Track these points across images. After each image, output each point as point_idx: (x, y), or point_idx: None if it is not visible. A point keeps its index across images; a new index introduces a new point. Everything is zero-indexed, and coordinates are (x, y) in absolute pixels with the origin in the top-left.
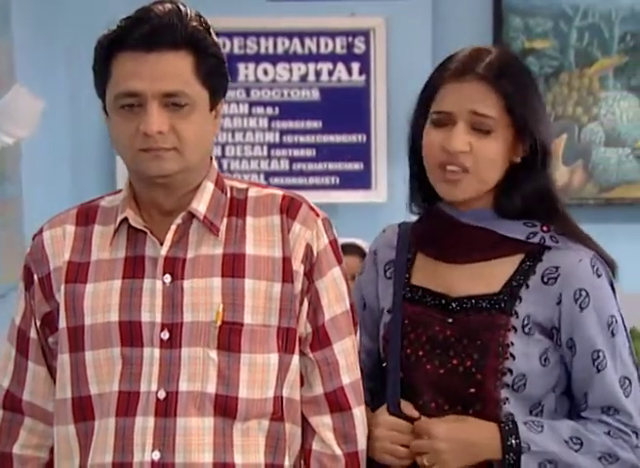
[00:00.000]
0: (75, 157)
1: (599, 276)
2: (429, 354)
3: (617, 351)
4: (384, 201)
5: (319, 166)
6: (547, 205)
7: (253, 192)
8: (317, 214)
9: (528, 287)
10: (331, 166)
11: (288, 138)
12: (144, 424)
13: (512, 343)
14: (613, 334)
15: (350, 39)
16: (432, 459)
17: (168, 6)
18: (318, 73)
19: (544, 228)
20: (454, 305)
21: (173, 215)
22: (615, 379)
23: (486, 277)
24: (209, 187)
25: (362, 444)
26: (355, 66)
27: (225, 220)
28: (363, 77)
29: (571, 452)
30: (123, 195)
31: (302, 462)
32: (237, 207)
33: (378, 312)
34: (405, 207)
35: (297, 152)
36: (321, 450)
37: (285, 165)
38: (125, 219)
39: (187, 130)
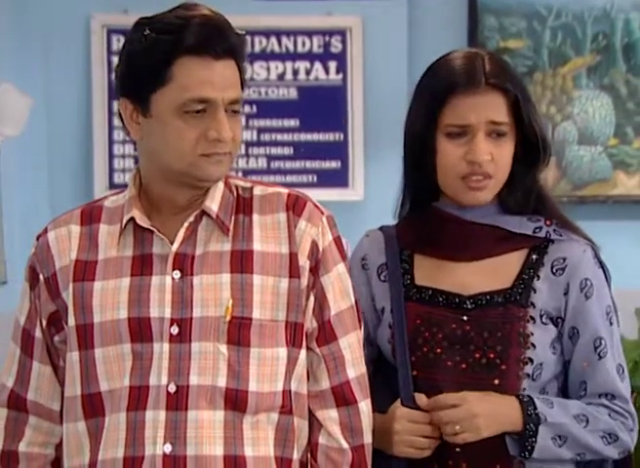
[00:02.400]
0: (52, 157)
1: (599, 267)
2: (448, 351)
3: (614, 339)
4: (361, 199)
5: (297, 164)
6: (543, 198)
7: (258, 191)
8: (322, 212)
9: (539, 278)
10: (308, 164)
11: (265, 137)
12: (155, 417)
13: (532, 333)
14: (611, 323)
15: (327, 38)
16: (465, 425)
17: (212, 12)
18: (295, 72)
19: (547, 222)
20: (468, 303)
21: (182, 212)
22: (613, 366)
23: (496, 273)
24: (220, 187)
25: (368, 437)
26: (332, 65)
27: (233, 218)
28: (340, 76)
29: (579, 427)
30: (128, 195)
31: (309, 456)
32: (244, 205)
33: (374, 313)
34: (381, 205)
35: (274, 150)
36: (328, 444)
37: (263, 163)
38: (131, 219)
39: (239, 134)
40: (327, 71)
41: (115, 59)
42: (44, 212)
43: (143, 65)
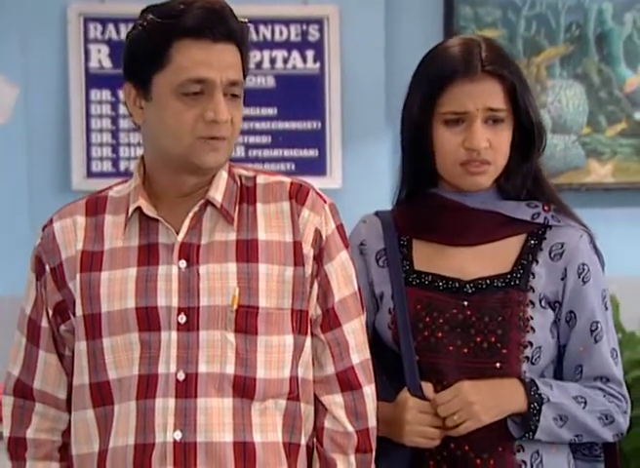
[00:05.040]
0: (30, 146)
1: (595, 253)
2: (449, 335)
3: (609, 324)
4: (339, 187)
5: (274, 152)
6: (541, 183)
7: (261, 179)
8: (324, 200)
9: (538, 263)
10: (286, 152)
11: (243, 125)
12: (165, 405)
13: (532, 317)
14: (606, 308)
15: (305, 27)
16: (464, 414)
17: None
18: (273, 60)
19: (545, 208)
20: (468, 287)
21: (187, 201)
22: (608, 350)
23: (495, 258)
24: (224, 176)
25: (373, 420)
26: (310, 54)
27: (237, 207)
28: (317, 65)
29: (579, 408)
30: (134, 183)
31: (315, 440)
32: (247, 194)
33: (372, 299)
34: (359, 192)
35: (252, 139)
36: (333, 428)
37: (241, 151)
38: (137, 208)
39: (239, 119)
40: (304, 60)
41: (92, 48)
42: (21, 200)
43: (144, 49)
